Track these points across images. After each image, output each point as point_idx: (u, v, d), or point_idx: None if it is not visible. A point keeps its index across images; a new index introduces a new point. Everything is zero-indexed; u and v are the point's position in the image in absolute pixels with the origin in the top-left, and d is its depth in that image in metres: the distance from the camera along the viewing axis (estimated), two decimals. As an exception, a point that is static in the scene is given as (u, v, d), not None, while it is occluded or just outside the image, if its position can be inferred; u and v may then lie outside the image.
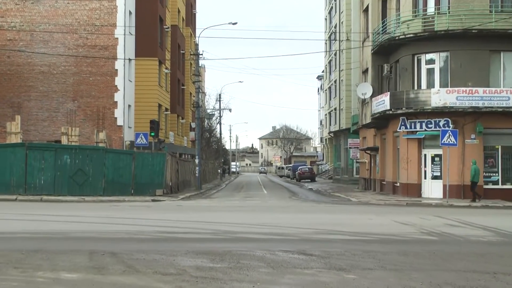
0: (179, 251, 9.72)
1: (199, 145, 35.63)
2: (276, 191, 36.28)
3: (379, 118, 28.79)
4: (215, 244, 10.73)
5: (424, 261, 9.05)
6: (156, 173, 27.15)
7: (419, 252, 9.84)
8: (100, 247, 10.09)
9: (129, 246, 10.25)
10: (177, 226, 13.76)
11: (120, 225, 13.80)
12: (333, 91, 58.24)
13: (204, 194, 32.59)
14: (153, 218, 15.81)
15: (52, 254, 9.26)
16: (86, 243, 10.73)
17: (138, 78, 36.35)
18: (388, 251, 9.94)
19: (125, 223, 14.41)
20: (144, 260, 8.92)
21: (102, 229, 12.90)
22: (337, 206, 21.81)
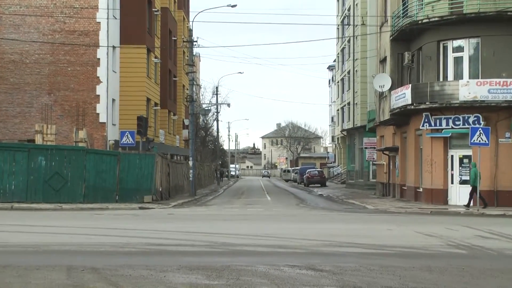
0: (170, 266, 9.73)
1: (193, 145, 35.68)
2: (281, 198, 36.29)
3: (399, 114, 28.78)
4: (212, 258, 10.75)
5: (452, 278, 9.03)
6: (144, 177, 27.20)
7: (445, 268, 9.85)
8: (80, 261, 10.10)
9: (113, 261, 10.26)
10: (169, 238, 13.78)
11: (103, 237, 13.82)
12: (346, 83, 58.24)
13: (199, 201, 32.62)
14: (141, 228, 15.83)
15: (24, 270, 9.26)
16: (64, 257, 10.74)
17: (123, 68, 36.39)
18: (409, 266, 9.93)
19: (108, 234, 14.43)
20: (130, 277, 8.92)
21: (82, 241, 12.92)
22: (351, 215, 21.83)
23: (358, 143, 46.09)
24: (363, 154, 42.30)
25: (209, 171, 60.18)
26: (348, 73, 56.57)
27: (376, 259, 10.62)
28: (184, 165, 38.67)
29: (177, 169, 35.80)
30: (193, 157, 35.03)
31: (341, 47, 61.47)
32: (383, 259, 10.64)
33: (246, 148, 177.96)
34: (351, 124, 54.35)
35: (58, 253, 11.35)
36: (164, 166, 30.52)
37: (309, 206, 28.23)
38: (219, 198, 36.69)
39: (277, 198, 35.92)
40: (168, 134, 47.06)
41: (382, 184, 35.26)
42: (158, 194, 28.43)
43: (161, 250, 11.75)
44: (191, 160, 34.82)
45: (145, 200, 26.84)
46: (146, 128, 30.78)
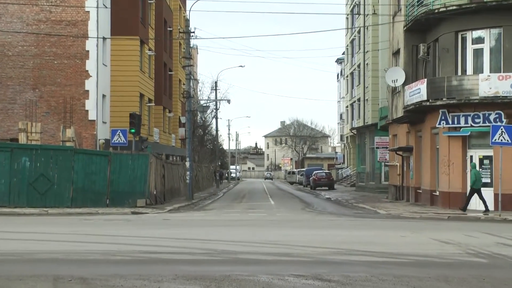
0: (165, 275, 9.73)
1: (190, 144, 35.69)
2: (286, 201, 36.32)
3: (413, 111, 28.77)
4: (210, 267, 10.75)
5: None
6: (137, 179, 27.25)
7: (464, 278, 9.82)
8: (68, 271, 10.10)
9: (103, 270, 10.27)
10: (164, 245, 13.80)
11: (93, 244, 13.85)
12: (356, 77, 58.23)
13: (196, 205, 32.66)
14: (133, 234, 15.85)
15: (6, 281, 9.22)
16: (50, 266, 10.73)
17: (114, 61, 36.44)
18: (425, 276, 9.92)
19: (99, 241, 14.45)
20: (122, 287, 8.90)
21: (70, 249, 12.92)
22: (361, 220, 21.83)
23: (369, 143, 46.07)
24: (375, 155, 42.29)
25: (207, 173, 60.25)
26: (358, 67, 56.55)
27: (389, 269, 10.62)
28: (181, 167, 38.74)
29: (173, 171, 35.83)
30: (190, 158, 35.04)
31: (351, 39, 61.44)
32: (396, 269, 10.64)
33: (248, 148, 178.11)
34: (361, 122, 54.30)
35: (44, 261, 11.36)
36: (159, 167, 30.55)
37: (315, 210, 28.23)
38: (219, 202, 36.72)
39: (281, 202, 35.93)
40: (163, 132, 47.13)
41: (395, 187, 35.24)
42: (152, 198, 28.47)
43: (156, 259, 11.76)
44: (188, 161, 34.84)
45: (138, 204, 26.87)
46: (139, 126, 30.82)
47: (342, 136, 75.20)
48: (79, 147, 29.36)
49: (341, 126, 76.78)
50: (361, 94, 55.42)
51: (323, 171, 60.84)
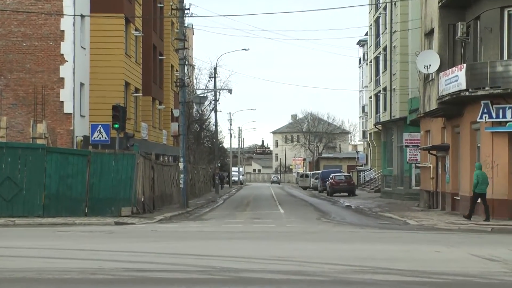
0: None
1: (184, 142, 35.71)
2: (298, 210, 36.33)
3: (449, 103, 28.71)
4: (208, 287, 10.68)
5: (518, 315, 9.05)
6: (121, 184, 27.34)
7: (510, 301, 9.82)
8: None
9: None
10: (153, 261, 13.81)
11: (69, 260, 13.82)
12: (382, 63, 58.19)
13: (192, 213, 32.70)
14: (117, 249, 15.88)
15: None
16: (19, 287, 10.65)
17: (95, 43, 36.54)
18: (464, 299, 9.92)
19: (76, 256, 14.44)
20: (103, 312, 8.98)
21: (42, 266, 12.92)
22: (387, 232, 21.79)
23: (397, 140, 46.01)
24: (403, 154, 42.22)
25: (205, 176, 60.32)
26: (384, 50, 56.48)
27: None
28: (173, 168, 38.77)
29: (164, 173, 35.85)
30: (184, 158, 35.06)
31: (375, 17, 61.37)
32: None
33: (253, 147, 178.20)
34: (387, 116, 54.22)
35: (11, 282, 11.35)
36: (148, 169, 30.58)
37: (333, 220, 28.23)
38: (218, 210, 36.72)
39: (292, 210, 35.90)
40: (152, 128, 47.18)
41: (427, 192, 35.19)
42: (140, 206, 28.53)
43: (143, 278, 11.75)
44: (182, 162, 34.86)
45: (122, 213, 26.92)
46: (124, 121, 30.85)
47: (365, 133, 75.06)
48: (52, 145, 29.38)
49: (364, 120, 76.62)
50: (387, 82, 55.33)
51: (342, 174, 60.77)
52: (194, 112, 69.50)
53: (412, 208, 34.60)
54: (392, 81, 53.41)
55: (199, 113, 70.73)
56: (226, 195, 59.17)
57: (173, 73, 54.02)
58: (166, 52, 52.21)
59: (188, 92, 53.71)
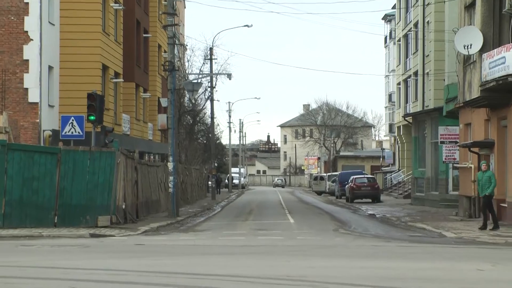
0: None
1: (174, 137, 35.67)
2: (311, 219, 36.33)
3: (495, 90, 28.56)
4: (202, 315, 10.68)
5: None
6: (98, 188, 27.29)
7: None
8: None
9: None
10: (136, 282, 13.74)
11: (35, 281, 13.70)
12: (413, 41, 58.04)
13: (183, 223, 32.71)
14: (93, 267, 15.80)
15: None
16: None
17: (66, 19, 36.49)
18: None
19: (43, 276, 14.32)
20: None
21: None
22: (419, 247, 21.74)
23: (431, 135, 45.86)
24: (439, 153, 42.09)
25: (199, 178, 60.21)
26: (415, 27, 56.30)
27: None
28: (161, 169, 38.73)
29: (150, 175, 35.79)
30: (174, 157, 35.02)
31: (404, -14, 61.19)
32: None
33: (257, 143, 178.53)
34: (419, 106, 54.07)
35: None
36: (130, 170, 30.49)
37: (353, 232, 28.17)
38: (215, 219, 36.71)
39: (304, 219, 35.88)
40: (136, 121, 47.13)
41: (468, 199, 35.03)
42: (120, 214, 28.49)
43: (124, 302, 11.69)
44: (171, 162, 34.85)
45: (99, 222, 26.86)
46: (101, 112, 30.76)
47: (392, 126, 75.00)
48: (14, 141, 29.30)
49: (390, 111, 76.56)
50: (419, 65, 55.18)
51: (365, 176, 60.63)
52: (186, 101, 69.45)
53: (449, 218, 34.49)
54: (425, 64, 53.25)
55: (192, 103, 70.65)
56: (225, 201, 59.13)
57: (160, 54, 53.92)
58: (152, 29, 52.11)
59: (179, 77, 53.67)
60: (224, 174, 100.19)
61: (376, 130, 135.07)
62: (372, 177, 62.68)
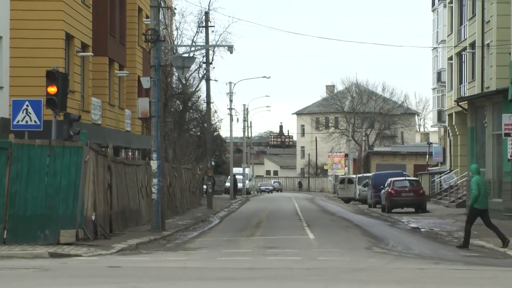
0: None
1: (159, 128, 35.59)
2: (337, 234, 36.53)
3: None
4: None
5: None
6: (61, 193, 27.34)
7: None
8: None
9: None
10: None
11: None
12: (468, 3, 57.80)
13: (170, 239, 32.82)
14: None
15: None
16: None
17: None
18: None
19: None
20: None
21: None
22: (476, 271, 21.70)
23: (492, 126, 45.71)
24: (504, 148, 41.98)
25: (191, 181, 60.08)
26: (472, -15, 56.07)
27: None
28: (142, 170, 38.84)
29: (128, 178, 35.87)
30: (159, 153, 35.05)
31: None
32: None
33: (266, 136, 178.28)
34: (477, 88, 53.87)
35: None
36: (102, 170, 30.57)
37: (391, 251, 28.24)
38: (212, 234, 36.81)
39: (327, 234, 35.85)
40: (109, 106, 47.08)
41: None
42: (90, 228, 28.51)
43: None
44: (155, 160, 34.84)
45: (62, 238, 26.86)
46: (64, 95, 30.73)
47: (441, 114, 74.72)
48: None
49: (439, 95, 76.34)
50: (477, 34, 54.98)
51: (406, 179, 60.51)
52: (175, 81, 69.43)
53: (517, 231, 34.46)
54: (484, 33, 53.05)
55: (183, 84, 70.62)
56: (224, 210, 59.07)
57: (141, 20, 53.83)
58: (130, -13, 52.12)
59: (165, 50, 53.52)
60: (224, 176, 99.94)
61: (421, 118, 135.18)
62: (416, 179, 62.46)
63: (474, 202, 28.37)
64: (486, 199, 28.42)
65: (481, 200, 28.18)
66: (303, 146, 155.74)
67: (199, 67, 68.91)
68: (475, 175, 28.52)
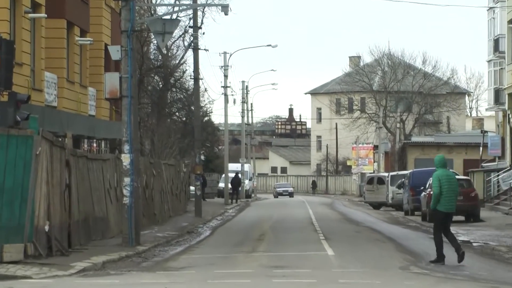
0: None
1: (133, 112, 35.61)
2: (363, 249, 36.91)
3: None
4: None
5: None
6: (4, 197, 27.53)
7: None
8: None
9: None
10: None
11: None
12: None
13: (147, 256, 33.10)
14: None
15: None
16: None
17: None
18: None
19: None
20: None
21: None
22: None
23: None
24: None
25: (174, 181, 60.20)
26: None
27: None
28: (110, 166, 39.21)
29: (92, 176, 36.16)
30: (132, 145, 35.17)
31: None
32: None
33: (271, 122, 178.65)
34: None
35: None
36: (58, 167, 30.73)
37: (434, 271, 28.31)
38: (201, 250, 37.20)
39: (351, 250, 36.06)
40: (67, 84, 47.20)
41: None
42: (42, 241, 28.63)
43: None
44: (127, 153, 34.96)
45: (6, 255, 26.97)
46: (9, 70, 30.76)
47: (499, 93, 75.14)
48: None
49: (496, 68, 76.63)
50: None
51: (454, 178, 60.66)
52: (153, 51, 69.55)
53: None
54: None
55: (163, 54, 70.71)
56: (217, 219, 59.44)
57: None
58: None
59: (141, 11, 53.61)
60: (217, 174, 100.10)
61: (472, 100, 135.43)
62: (466, 179, 62.71)
63: (435, 203, 29.26)
64: (451, 200, 29.29)
65: (445, 201, 29.05)
66: (319, 136, 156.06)
67: (184, 33, 69.23)
68: (438, 168, 29.39)
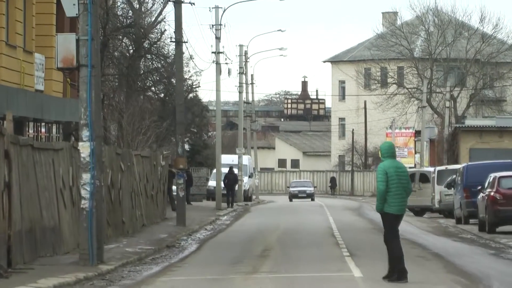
0: None
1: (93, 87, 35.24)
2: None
3: None
4: None
5: None
6: None
7: None
8: None
9: None
10: None
11: None
12: None
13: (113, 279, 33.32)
14: None
15: None
16: None
17: None
18: None
19: None
20: None
21: None
22: None
23: None
24: None
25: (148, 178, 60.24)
26: None
27: None
28: (63, 158, 39.52)
29: (39, 172, 36.32)
30: (93, 130, 35.00)
31: None
32: None
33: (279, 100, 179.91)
34: None
35: None
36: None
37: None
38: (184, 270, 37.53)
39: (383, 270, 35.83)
40: (8, 48, 47.52)
41: None
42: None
43: None
44: (86, 140, 34.68)
45: None
46: None
47: None
48: None
49: None
50: None
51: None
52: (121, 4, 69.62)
53: None
54: None
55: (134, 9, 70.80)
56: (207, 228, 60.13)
57: None
58: None
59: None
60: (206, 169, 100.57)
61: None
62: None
63: (381, 203, 29.85)
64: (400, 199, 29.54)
65: (393, 201, 29.46)
66: (342, 118, 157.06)
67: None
68: (385, 158, 29.70)
